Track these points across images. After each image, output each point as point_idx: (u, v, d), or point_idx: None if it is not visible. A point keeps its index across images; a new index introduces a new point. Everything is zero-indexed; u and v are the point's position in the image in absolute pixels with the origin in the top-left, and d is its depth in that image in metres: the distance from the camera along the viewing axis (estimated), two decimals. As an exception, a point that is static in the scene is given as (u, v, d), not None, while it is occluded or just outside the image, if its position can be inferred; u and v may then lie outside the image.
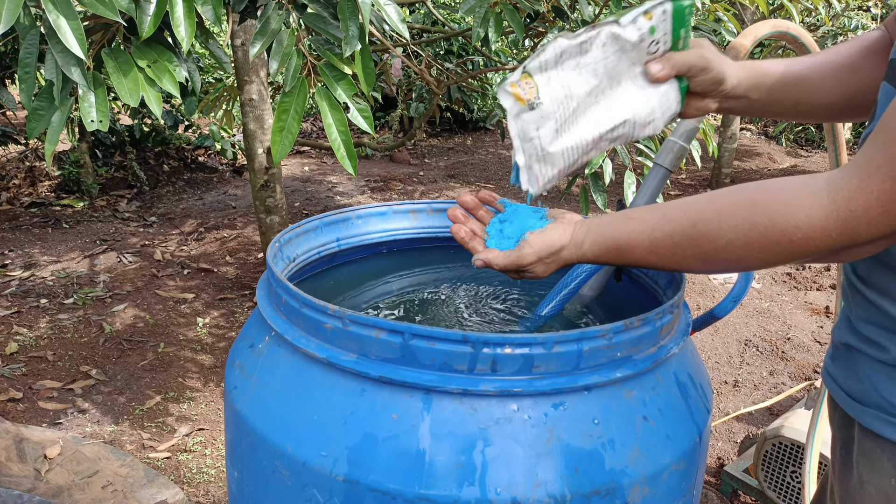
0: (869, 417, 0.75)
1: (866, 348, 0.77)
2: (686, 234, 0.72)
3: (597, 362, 0.77)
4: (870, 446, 0.76)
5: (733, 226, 0.68)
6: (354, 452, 0.75)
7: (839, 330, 0.83)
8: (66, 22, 1.06)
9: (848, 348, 0.80)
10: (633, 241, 0.76)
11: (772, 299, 3.48)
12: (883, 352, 0.74)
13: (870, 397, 0.76)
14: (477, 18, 1.79)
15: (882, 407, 0.74)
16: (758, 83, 0.91)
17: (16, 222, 4.14)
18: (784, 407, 2.51)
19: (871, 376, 0.76)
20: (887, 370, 0.74)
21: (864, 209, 0.61)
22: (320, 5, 1.33)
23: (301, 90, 1.26)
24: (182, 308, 3.12)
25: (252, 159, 2.96)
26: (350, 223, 1.20)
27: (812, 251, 0.65)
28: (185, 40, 1.20)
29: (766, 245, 0.67)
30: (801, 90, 0.91)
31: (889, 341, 0.73)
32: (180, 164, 5.34)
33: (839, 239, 0.63)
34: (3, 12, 1.00)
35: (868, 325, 0.76)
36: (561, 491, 0.73)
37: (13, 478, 1.64)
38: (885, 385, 0.74)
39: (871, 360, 0.76)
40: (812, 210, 0.63)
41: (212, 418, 2.35)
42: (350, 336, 0.77)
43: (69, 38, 1.07)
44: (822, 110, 0.93)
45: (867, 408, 0.76)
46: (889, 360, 0.73)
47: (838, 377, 0.82)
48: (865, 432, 0.76)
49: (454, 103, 4.77)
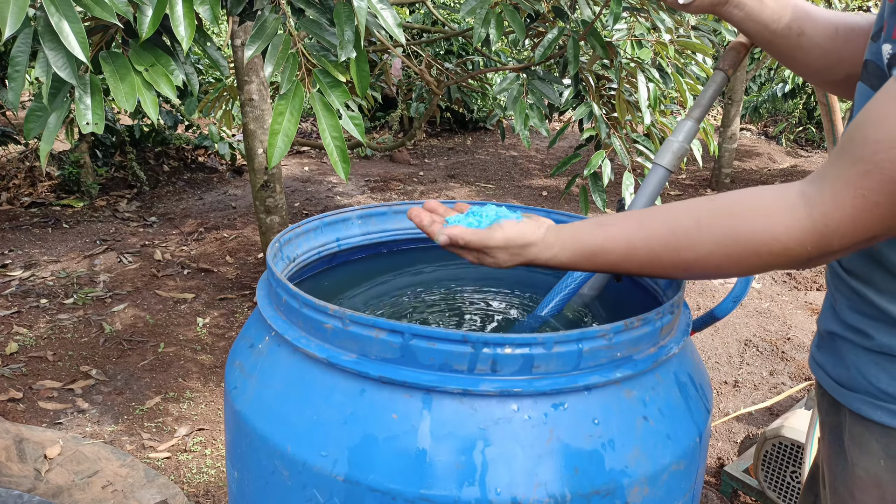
0: (857, 402, 0.78)
1: (851, 336, 0.79)
2: (665, 242, 0.73)
3: (597, 362, 0.77)
4: (858, 430, 0.78)
5: (713, 235, 0.70)
6: (354, 452, 0.75)
7: (824, 319, 0.85)
8: (68, 24, 1.06)
9: (833, 336, 0.82)
10: (607, 247, 0.77)
11: (772, 299, 3.48)
12: (867, 339, 0.76)
13: (856, 383, 0.78)
14: (478, 19, 1.79)
15: (869, 391, 0.76)
16: None
17: (16, 222, 4.14)
18: (784, 407, 2.51)
19: (856, 363, 0.78)
20: (872, 356, 0.76)
21: (838, 224, 0.64)
22: (317, 10, 1.33)
23: (297, 93, 1.26)
24: (182, 308, 3.12)
25: (252, 159, 2.96)
26: (350, 223, 1.20)
27: (787, 262, 0.68)
28: (185, 40, 1.20)
29: (744, 255, 0.69)
30: (809, 24, 0.93)
31: (873, 328, 0.76)
32: (180, 164, 5.34)
33: (813, 250, 0.66)
34: (8, 16, 0.99)
35: (852, 314, 0.79)
36: (561, 491, 0.73)
37: (13, 478, 1.64)
38: (871, 371, 0.76)
39: (856, 347, 0.78)
40: (790, 222, 0.66)
41: (212, 418, 2.35)
42: (350, 336, 0.77)
43: (71, 40, 1.07)
44: (817, 58, 0.95)
45: (855, 393, 0.78)
46: (874, 347, 0.76)
47: (825, 364, 0.84)
48: (854, 416, 0.79)
49: (454, 103, 4.76)
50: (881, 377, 0.75)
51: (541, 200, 5.09)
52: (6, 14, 0.99)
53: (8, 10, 0.99)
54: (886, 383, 0.75)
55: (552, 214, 1.25)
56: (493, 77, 4.39)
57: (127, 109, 1.19)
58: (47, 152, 1.22)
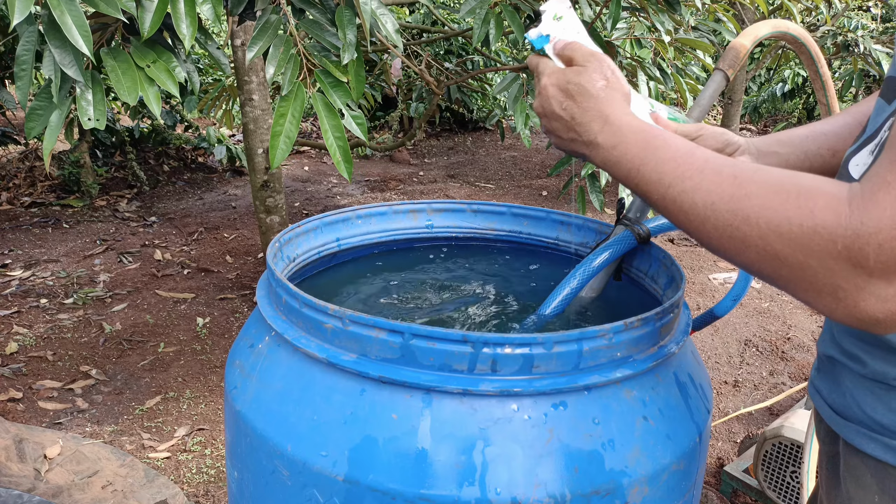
0: (851, 433, 0.74)
1: (847, 361, 0.75)
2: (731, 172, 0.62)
3: (597, 362, 0.77)
4: (854, 462, 0.75)
5: (763, 183, 0.59)
6: (354, 452, 0.75)
7: (822, 342, 0.83)
8: (72, 19, 1.07)
9: (832, 361, 0.79)
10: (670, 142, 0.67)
11: (772, 299, 3.48)
12: (862, 365, 0.73)
13: (851, 412, 0.74)
14: (477, 19, 1.79)
15: (863, 422, 0.73)
16: (779, 139, 0.92)
17: (16, 222, 4.13)
18: (784, 407, 2.51)
19: (852, 390, 0.75)
20: (867, 384, 0.73)
21: (876, 225, 0.53)
22: (318, 11, 1.33)
23: (298, 94, 1.26)
24: (182, 308, 3.12)
25: (252, 159, 2.96)
26: (350, 223, 1.20)
27: (811, 250, 0.55)
28: (186, 38, 1.20)
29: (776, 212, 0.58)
30: (834, 140, 0.90)
31: (867, 354, 0.72)
32: (180, 164, 5.34)
33: (843, 251, 0.54)
34: (16, 3, 1.00)
35: (848, 338, 0.75)
36: (561, 491, 0.73)
37: (13, 478, 1.64)
38: (867, 400, 0.73)
39: (852, 373, 0.75)
40: (828, 202, 0.55)
41: (212, 418, 2.35)
42: (350, 336, 0.77)
43: (75, 35, 1.07)
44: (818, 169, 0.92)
45: (850, 423, 0.75)
46: (868, 374, 0.72)
47: (823, 390, 0.81)
48: (849, 448, 0.75)
49: (454, 103, 4.77)
50: (876, 407, 0.72)
51: (541, 200, 5.09)
52: (14, 3, 1.00)
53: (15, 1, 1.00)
54: (881, 414, 0.71)
55: (552, 214, 1.25)
56: (492, 77, 4.40)
57: (130, 103, 1.20)
58: (50, 151, 1.23)
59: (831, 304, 0.56)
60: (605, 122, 0.72)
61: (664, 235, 4.34)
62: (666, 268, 1.03)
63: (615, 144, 0.70)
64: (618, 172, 0.71)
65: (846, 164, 0.73)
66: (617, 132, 0.71)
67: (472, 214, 1.29)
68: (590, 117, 0.73)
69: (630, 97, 0.76)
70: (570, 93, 0.74)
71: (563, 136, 0.76)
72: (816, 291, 0.57)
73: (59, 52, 1.10)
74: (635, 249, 1.07)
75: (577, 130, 0.74)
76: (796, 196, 0.57)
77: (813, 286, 0.57)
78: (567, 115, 0.74)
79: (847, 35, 4.57)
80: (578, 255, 1.21)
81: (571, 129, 0.74)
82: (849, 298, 0.55)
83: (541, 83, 0.77)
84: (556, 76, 0.75)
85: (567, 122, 0.74)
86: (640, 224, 1.05)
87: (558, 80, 0.75)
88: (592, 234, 1.21)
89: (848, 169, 0.72)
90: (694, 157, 0.65)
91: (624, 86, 0.75)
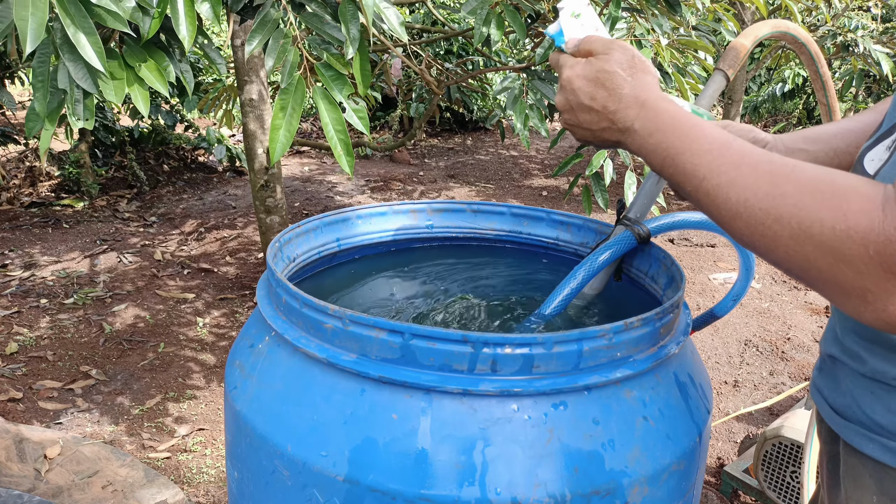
0: (850, 433, 0.74)
1: (848, 360, 0.75)
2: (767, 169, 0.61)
3: (597, 362, 0.77)
4: (853, 462, 0.75)
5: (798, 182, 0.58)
6: (354, 452, 0.75)
7: (825, 341, 0.82)
8: (85, 37, 1.09)
9: (833, 360, 0.79)
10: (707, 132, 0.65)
11: (772, 299, 3.48)
12: (861, 363, 0.73)
13: (851, 412, 0.74)
14: (478, 19, 1.79)
15: (863, 423, 0.72)
16: (806, 136, 0.91)
17: (16, 222, 4.13)
18: (784, 407, 2.51)
19: (852, 389, 0.74)
20: (867, 383, 0.72)
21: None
22: (318, 5, 1.33)
23: (299, 87, 1.26)
24: (182, 308, 3.12)
25: (252, 159, 2.96)
26: (350, 223, 1.20)
27: (842, 253, 0.54)
28: (186, 40, 1.20)
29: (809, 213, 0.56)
30: (863, 138, 0.89)
31: (867, 352, 0.72)
32: (180, 164, 5.34)
33: (875, 257, 0.53)
34: (28, 32, 1.02)
35: (850, 335, 0.75)
36: (561, 491, 0.73)
37: (13, 478, 1.64)
38: (866, 399, 0.72)
39: (853, 372, 0.74)
40: (861, 205, 0.54)
41: (212, 418, 2.35)
42: (350, 336, 0.77)
43: (88, 52, 1.10)
44: None
45: (849, 423, 0.74)
46: (867, 373, 0.72)
47: (823, 390, 0.81)
48: (848, 448, 0.75)
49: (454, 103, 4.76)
50: (875, 407, 0.71)
51: (541, 200, 5.09)
52: (26, 31, 1.02)
53: (28, 27, 1.02)
54: (880, 415, 0.70)
55: (553, 214, 1.25)
56: (493, 77, 4.39)
57: (116, 102, 1.21)
58: (46, 148, 1.23)
59: (860, 306, 0.56)
60: (642, 107, 0.70)
61: (664, 235, 4.34)
62: (666, 268, 1.03)
63: (652, 132, 0.69)
64: (652, 160, 0.70)
65: (861, 158, 0.72)
66: (654, 118, 0.69)
67: (472, 214, 1.29)
68: (625, 104, 0.71)
69: (658, 80, 0.75)
70: (599, 81, 0.72)
71: (594, 128, 0.74)
72: (845, 293, 0.56)
73: (73, 66, 1.14)
74: (635, 249, 1.07)
75: (610, 118, 0.72)
76: (831, 197, 0.55)
77: (842, 288, 0.56)
78: (598, 104, 0.72)
79: (847, 35, 4.57)
80: (578, 255, 1.21)
81: (604, 118, 0.73)
82: (878, 302, 0.54)
83: (563, 76, 0.76)
84: (581, 67, 0.74)
85: (599, 112, 0.73)
86: (641, 224, 1.05)
87: (584, 71, 0.74)
88: (592, 235, 1.21)
89: (863, 164, 0.71)
90: (731, 150, 0.63)
91: (652, 69, 0.74)
